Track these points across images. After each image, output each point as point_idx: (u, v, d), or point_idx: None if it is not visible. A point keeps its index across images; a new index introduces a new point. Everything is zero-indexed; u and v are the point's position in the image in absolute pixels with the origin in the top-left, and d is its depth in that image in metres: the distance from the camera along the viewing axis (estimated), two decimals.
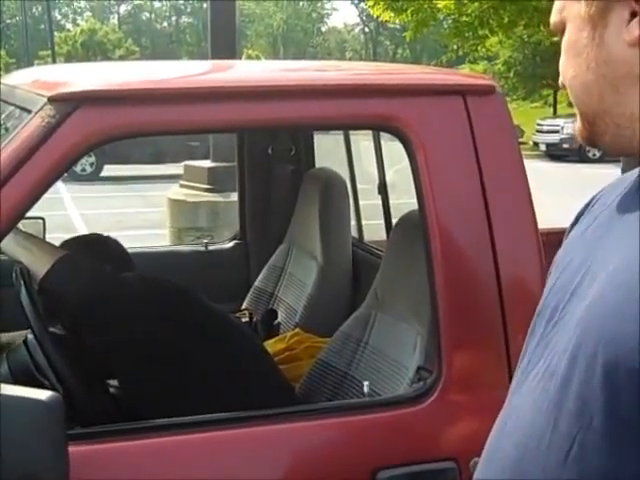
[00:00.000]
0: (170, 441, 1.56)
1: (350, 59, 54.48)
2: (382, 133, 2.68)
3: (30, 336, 1.87)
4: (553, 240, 2.05)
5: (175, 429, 1.58)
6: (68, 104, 1.54)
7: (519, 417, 0.86)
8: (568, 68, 0.90)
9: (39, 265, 1.86)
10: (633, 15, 0.82)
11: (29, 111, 1.58)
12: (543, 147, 20.40)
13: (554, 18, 0.91)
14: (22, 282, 1.84)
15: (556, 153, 19.62)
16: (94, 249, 2.32)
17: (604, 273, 0.81)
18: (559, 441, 0.78)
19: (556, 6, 0.91)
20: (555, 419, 0.79)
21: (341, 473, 1.64)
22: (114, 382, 2.04)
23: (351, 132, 3.16)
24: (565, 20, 0.89)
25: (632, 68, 0.83)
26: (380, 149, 2.92)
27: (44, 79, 1.92)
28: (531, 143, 21.57)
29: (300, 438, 1.67)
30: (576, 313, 0.82)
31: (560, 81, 0.93)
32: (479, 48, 12.79)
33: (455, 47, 12.81)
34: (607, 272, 0.80)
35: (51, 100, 1.55)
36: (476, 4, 10.17)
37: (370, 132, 2.87)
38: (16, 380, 1.88)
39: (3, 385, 1.37)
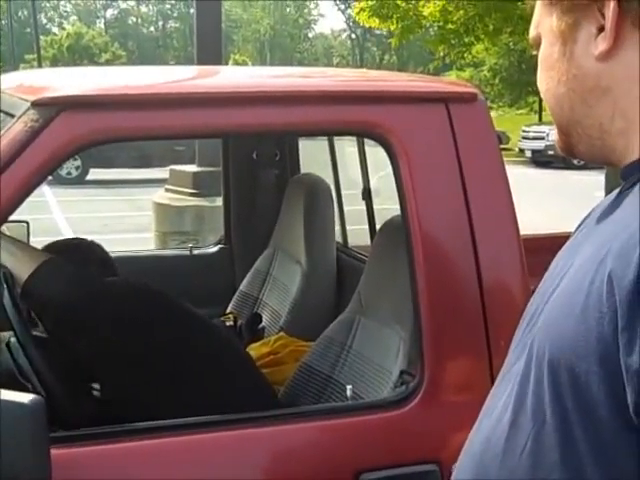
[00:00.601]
0: (152, 444, 1.57)
1: (337, 65, 54.54)
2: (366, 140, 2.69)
3: (13, 339, 1.87)
4: (537, 245, 2.07)
5: (158, 432, 1.58)
6: (51, 108, 1.54)
7: (490, 417, 0.88)
8: (542, 81, 0.92)
9: (22, 269, 1.86)
10: (600, 30, 0.84)
11: (12, 115, 1.58)
12: (529, 153, 20.50)
13: (532, 33, 0.94)
14: (5, 286, 1.84)
15: (541, 159, 19.72)
16: (78, 253, 2.32)
17: (567, 277, 0.84)
18: (517, 436, 0.81)
19: (533, 22, 0.94)
20: (516, 415, 0.82)
21: (324, 476, 1.65)
22: (97, 385, 2.03)
23: (337, 138, 3.17)
24: (541, 35, 0.92)
25: (599, 81, 0.85)
26: (364, 155, 2.94)
27: (28, 83, 1.92)
28: (517, 149, 21.68)
29: (283, 441, 1.67)
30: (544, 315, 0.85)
31: None
32: (465, 55, 12.85)
33: (442, 54, 12.87)
34: (569, 276, 0.83)
35: (34, 104, 1.55)
36: (461, 12, 10.21)
37: (355, 138, 2.89)
38: None
39: None
